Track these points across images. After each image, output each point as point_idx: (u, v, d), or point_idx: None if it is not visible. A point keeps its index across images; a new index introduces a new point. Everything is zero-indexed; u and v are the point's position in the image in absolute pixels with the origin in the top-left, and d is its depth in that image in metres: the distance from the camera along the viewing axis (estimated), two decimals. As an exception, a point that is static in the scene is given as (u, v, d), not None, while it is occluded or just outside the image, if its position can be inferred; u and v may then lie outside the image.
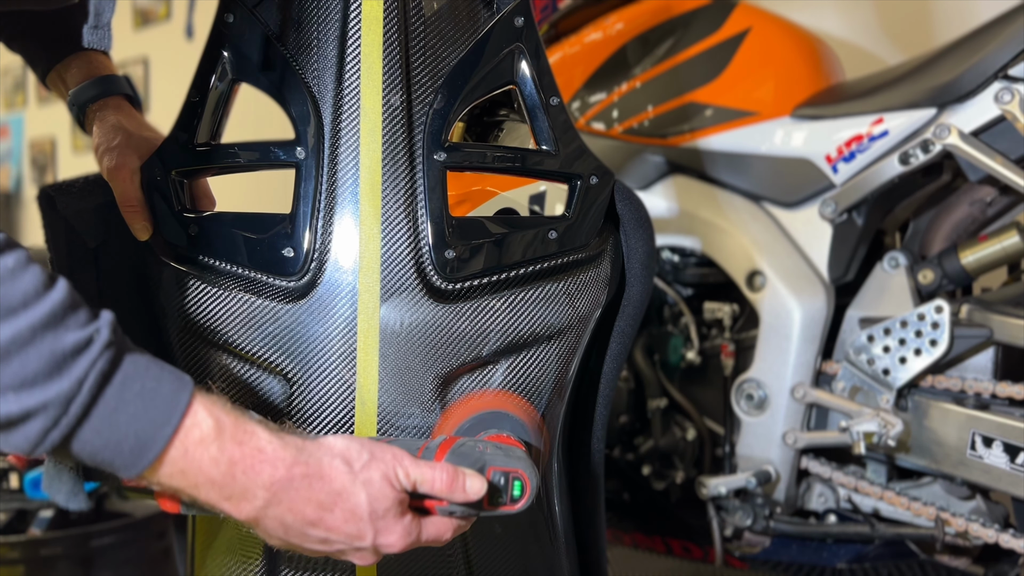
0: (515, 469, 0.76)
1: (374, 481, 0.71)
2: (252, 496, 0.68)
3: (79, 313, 0.63)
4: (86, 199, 0.96)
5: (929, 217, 1.50)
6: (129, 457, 0.64)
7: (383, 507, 0.71)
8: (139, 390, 0.64)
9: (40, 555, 1.57)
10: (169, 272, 0.89)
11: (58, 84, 1.01)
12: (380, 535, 0.72)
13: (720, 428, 1.62)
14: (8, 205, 5.44)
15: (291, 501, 0.69)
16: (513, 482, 0.76)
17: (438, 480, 0.73)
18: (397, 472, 0.72)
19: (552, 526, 1.01)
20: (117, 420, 0.63)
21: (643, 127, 1.65)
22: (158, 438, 0.64)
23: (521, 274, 0.91)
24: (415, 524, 0.74)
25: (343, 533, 0.71)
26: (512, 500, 0.76)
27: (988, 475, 1.31)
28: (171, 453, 0.65)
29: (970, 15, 1.84)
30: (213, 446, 0.66)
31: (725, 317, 1.60)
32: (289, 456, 0.69)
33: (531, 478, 0.76)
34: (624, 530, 1.77)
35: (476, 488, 0.74)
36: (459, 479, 0.74)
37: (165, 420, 0.64)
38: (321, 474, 0.70)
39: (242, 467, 0.67)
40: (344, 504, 0.70)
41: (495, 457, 0.77)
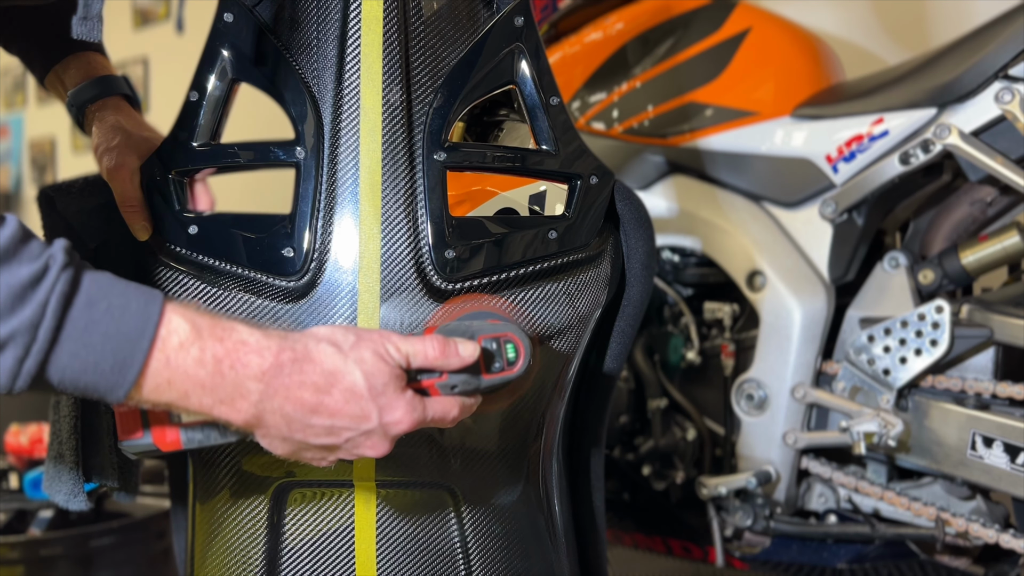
0: (505, 333, 0.77)
1: (366, 359, 0.70)
2: (245, 391, 0.67)
3: (31, 244, 0.63)
4: (86, 199, 0.96)
5: (929, 217, 1.50)
6: (111, 376, 0.63)
7: (381, 381, 0.70)
8: (106, 307, 0.63)
9: (40, 555, 1.57)
10: (169, 272, 0.89)
11: (56, 85, 1.00)
12: (385, 412, 0.71)
13: (720, 428, 1.62)
14: (8, 205, 5.44)
15: (286, 388, 0.68)
16: (506, 345, 0.76)
17: (430, 349, 0.73)
18: (387, 347, 0.71)
19: (552, 526, 1.01)
20: (90, 340, 0.63)
21: (643, 127, 1.65)
22: (136, 351, 0.63)
23: (521, 274, 0.91)
24: (418, 400, 0.73)
25: (347, 415, 0.70)
26: (509, 364, 0.77)
27: (988, 475, 1.31)
28: (153, 364, 0.64)
29: (970, 15, 1.84)
30: (194, 347, 0.65)
31: (725, 317, 1.59)
32: (274, 344, 0.68)
33: (523, 339, 0.77)
34: (624, 530, 1.77)
35: (469, 351, 0.74)
36: (450, 346, 0.73)
37: (140, 333, 0.64)
38: (310, 357, 0.69)
39: (228, 362, 0.66)
40: (341, 383, 0.69)
41: (483, 327, 0.77)
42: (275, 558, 0.92)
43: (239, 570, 0.93)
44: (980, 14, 1.49)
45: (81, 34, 0.88)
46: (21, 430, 1.88)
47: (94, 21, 0.90)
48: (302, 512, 0.92)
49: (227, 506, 0.93)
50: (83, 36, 0.88)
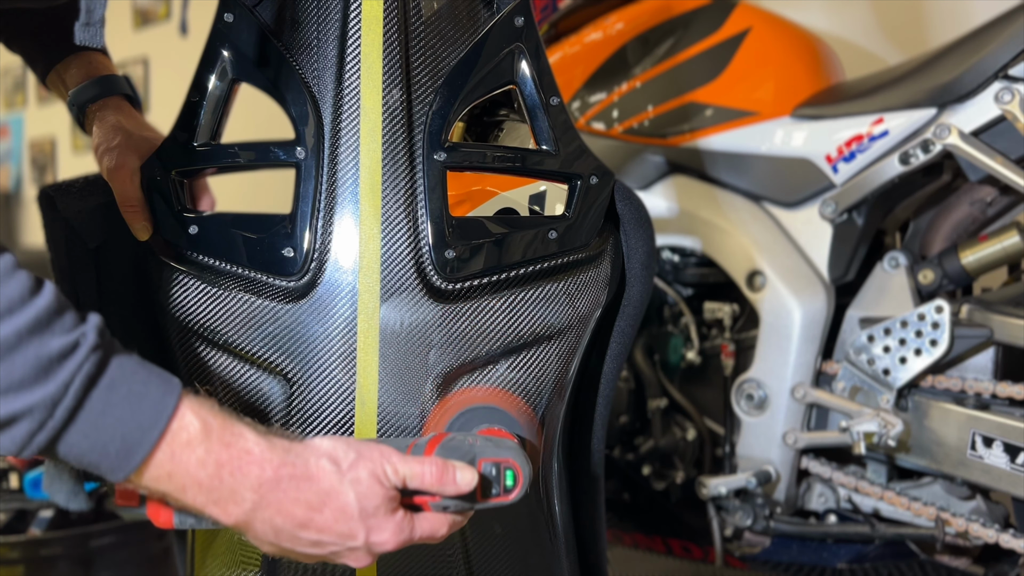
0: (506, 459, 0.76)
1: (362, 479, 0.71)
2: (240, 499, 0.68)
3: (65, 317, 0.63)
4: (86, 199, 0.96)
5: (929, 217, 1.50)
6: (116, 460, 0.64)
7: (373, 504, 0.71)
8: (126, 393, 0.64)
9: (40, 555, 1.57)
10: (169, 272, 0.89)
11: (58, 84, 1.01)
12: (372, 533, 0.71)
13: (720, 428, 1.62)
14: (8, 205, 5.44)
15: (279, 502, 0.69)
16: (505, 472, 0.75)
17: (427, 474, 0.73)
18: (385, 469, 0.72)
19: (552, 526, 1.01)
20: (104, 423, 0.63)
21: (643, 127, 1.65)
22: (145, 441, 0.64)
23: (521, 274, 0.91)
24: (407, 521, 0.73)
25: (334, 533, 0.70)
26: (505, 491, 0.76)
27: (988, 475, 1.31)
28: (158, 456, 0.65)
29: (969, 15, 1.84)
30: (200, 448, 0.66)
31: (725, 317, 1.60)
32: (276, 458, 0.69)
33: (523, 467, 0.76)
34: (624, 530, 1.77)
35: (467, 480, 0.74)
36: (449, 472, 0.73)
37: (152, 423, 0.64)
38: (308, 475, 0.69)
39: (229, 469, 0.67)
40: (333, 503, 0.70)
41: (485, 449, 0.76)
42: (275, 559, 0.92)
43: (239, 570, 0.93)
44: (980, 14, 1.49)
45: (84, 40, 0.89)
46: (21, 430, 1.88)
47: (96, 27, 0.91)
48: (302, 512, 0.92)
49: (227, 506, 0.93)
50: (86, 42, 0.89)
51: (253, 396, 0.88)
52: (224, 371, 0.88)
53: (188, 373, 0.90)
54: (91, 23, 0.89)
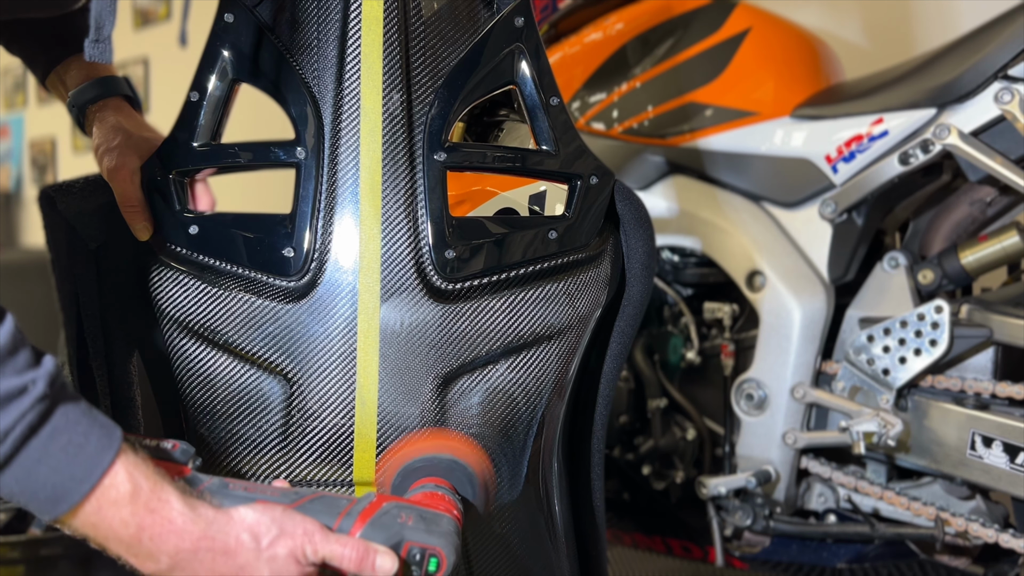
0: (432, 546, 0.76)
1: (279, 557, 0.72)
2: (157, 560, 0.69)
3: (18, 357, 0.64)
4: (86, 200, 0.96)
5: (929, 217, 1.50)
6: (44, 505, 0.66)
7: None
8: (65, 444, 0.65)
9: (40, 555, 1.56)
10: (169, 272, 0.89)
11: (58, 86, 1.01)
12: None
13: (720, 428, 1.62)
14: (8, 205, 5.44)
15: (195, 571, 0.70)
16: (429, 559, 0.76)
17: (347, 558, 0.74)
18: (305, 549, 0.73)
19: (552, 526, 1.01)
20: (37, 471, 0.65)
21: (643, 127, 1.65)
22: (74, 493, 0.66)
23: (521, 274, 0.91)
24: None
25: None
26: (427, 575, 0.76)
27: (988, 475, 1.31)
28: (85, 508, 0.66)
29: (970, 15, 1.84)
30: (126, 509, 0.67)
31: (725, 317, 1.60)
32: (198, 530, 0.70)
33: (448, 556, 0.76)
34: (624, 530, 1.77)
35: (386, 568, 0.74)
36: (369, 557, 0.74)
37: (84, 477, 0.66)
38: (227, 549, 0.71)
39: (150, 533, 0.68)
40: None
41: (415, 531, 0.77)
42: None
43: (239, 570, 0.93)
44: (980, 14, 1.49)
45: (94, 56, 0.89)
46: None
47: (106, 43, 0.91)
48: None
49: (227, 506, 0.93)
50: (95, 58, 0.89)
51: (253, 396, 0.89)
52: (224, 371, 0.88)
53: (188, 373, 0.90)
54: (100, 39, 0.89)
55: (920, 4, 2.17)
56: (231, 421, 0.90)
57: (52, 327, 0.97)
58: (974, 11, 1.80)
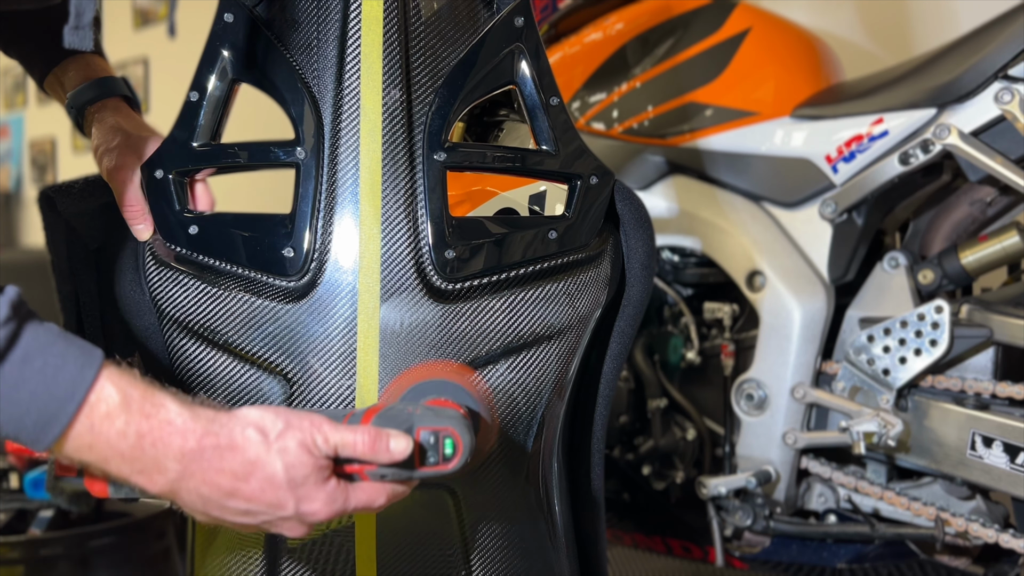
0: (446, 428, 0.74)
1: (290, 449, 0.69)
2: (163, 468, 0.67)
3: None
4: (86, 200, 0.96)
5: (929, 217, 1.50)
6: (33, 432, 0.64)
7: (301, 474, 0.69)
8: (41, 366, 0.64)
9: (40, 555, 1.56)
10: (169, 272, 0.89)
11: (56, 87, 1.00)
12: (302, 503, 0.70)
13: (720, 428, 1.62)
14: (8, 205, 5.44)
15: (204, 472, 0.68)
16: (444, 440, 0.73)
17: (360, 443, 0.71)
18: (315, 438, 0.70)
19: (552, 526, 1.01)
20: (17, 397, 0.63)
21: (643, 127, 1.65)
22: (61, 414, 0.64)
23: (521, 274, 0.91)
24: (340, 491, 0.72)
25: (262, 502, 0.69)
26: (444, 459, 0.73)
27: (988, 475, 1.31)
28: (76, 428, 0.65)
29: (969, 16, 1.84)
30: (120, 419, 0.65)
31: (725, 317, 1.60)
32: (199, 427, 0.68)
33: (463, 435, 0.74)
34: (624, 530, 1.77)
35: (401, 448, 0.72)
36: (382, 440, 0.72)
37: (69, 396, 0.64)
38: (233, 445, 0.68)
39: (150, 439, 0.66)
40: (259, 473, 0.69)
41: (425, 417, 0.74)
42: (275, 558, 0.92)
43: (239, 570, 0.93)
44: (979, 14, 1.49)
45: (73, 43, 0.89)
46: (21, 430, 1.88)
47: (85, 30, 0.90)
48: (302, 512, 0.92)
49: (227, 506, 0.93)
50: (75, 45, 0.89)
51: (253, 396, 0.88)
52: (224, 371, 0.88)
53: (188, 373, 0.90)
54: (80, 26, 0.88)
55: (920, 4, 2.17)
56: (231, 421, 0.89)
57: (52, 327, 0.97)
58: (973, 11, 1.80)
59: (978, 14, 1.51)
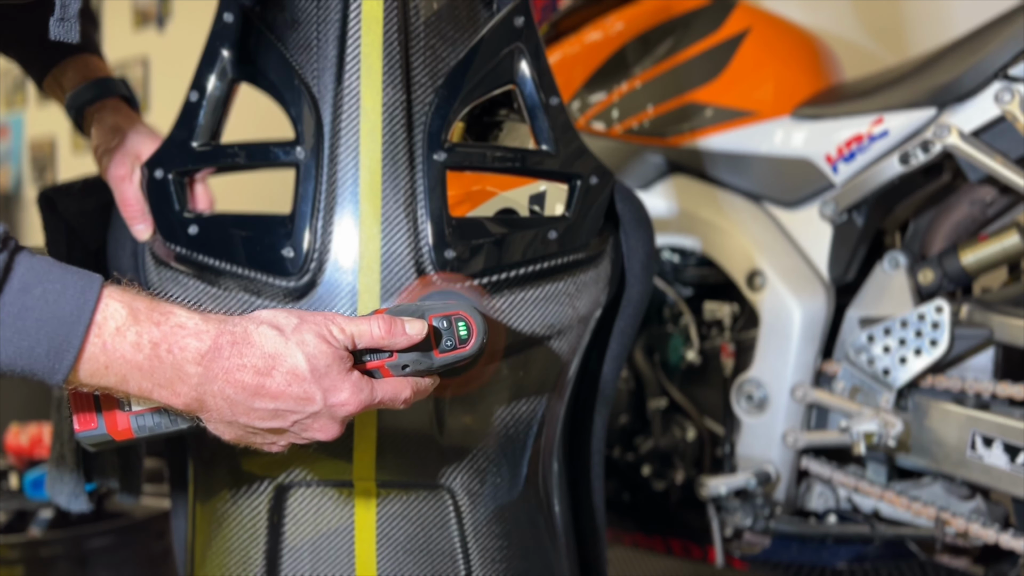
0: (456, 311, 0.74)
1: (308, 341, 0.69)
2: (184, 375, 0.66)
3: None
4: (86, 201, 0.96)
5: (929, 217, 1.50)
6: (47, 360, 0.63)
7: (324, 363, 0.69)
8: (41, 292, 0.63)
9: (40, 555, 1.57)
10: (169, 273, 0.89)
11: (55, 88, 1.00)
12: (329, 393, 0.70)
13: (720, 428, 1.62)
14: (8, 205, 5.43)
15: (226, 371, 0.67)
16: (457, 324, 0.74)
17: (375, 329, 0.71)
18: (331, 329, 0.70)
19: (552, 526, 1.01)
20: (24, 326, 0.62)
21: (643, 127, 1.65)
22: (72, 337, 0.63)
23: (521, 274, 0.91)
24: (366, 381, 0.72)
25: (290, 398, 0.69)
26: (461, 342, 0.74)
27: (988, 475, 1.31)
28: (89, 349, 0.64)
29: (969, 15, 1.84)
30: (131, 332, 0.65)
31: (725, 317, 1.60)
32: (213, 328, 0.67)
33: (474, 316, 0.74)
34: (624, 530, 1.77)
35: (416, 329, 0.72)
36: (397, 324, 0.72)
37: (75, 318, 0.63)
38: (249, 340, 0.68)
39: (166, 346, 0.66)
40: (282, 365, 0.68)
41: (434, 306, 0.75)
42: (275, 558, 0.92)
43: (239, 570, 0.93)
44: (978, 14, 1.49)
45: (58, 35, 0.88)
46: (21, 430, 1.89)
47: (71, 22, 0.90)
48: (302, 512, 0.92)
49: (227, 506, 0.93)
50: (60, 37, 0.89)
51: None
52: (224, 371, 0.88)
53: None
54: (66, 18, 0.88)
55: (920, 4, 2.17)
56: (231, 421, 0.89)
57: (52, 327, 0.96)
58: (973, 11, 1.80)
59: (977, 14, 1.51)
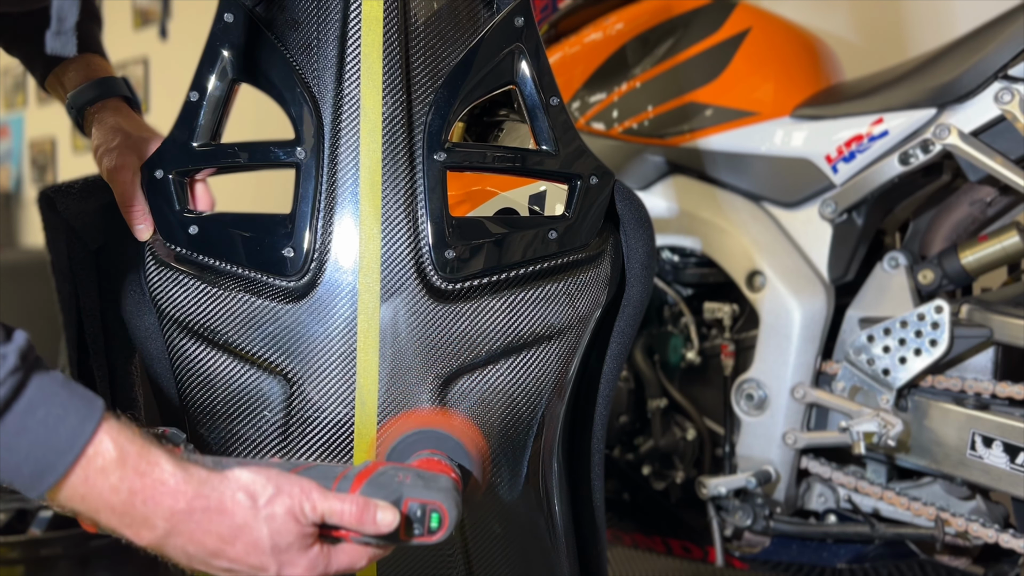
0: (433, 501, 0.74)
1: (277, 516, 0.70)
2: (152, 525, 0.68)
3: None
4: (86, 200, 0.96)
5: (929, 217, 1.50)
6: (29, 480, 0.65)
7: (286, 541, 0.71)
8: (43, 416, 0.64)
9: (40, 555, 1.57)
10: (169, 272, 0.89)
11: (56, 87, 1.01)
12: (284, 568, 0.71)
13: (720, 428, 1.62)
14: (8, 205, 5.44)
15: (191, 532, 0.69)
16: (431, 514, 0.74)
17: (347, 513, 0.72)
18: (303, 506, 0.71)
19: (552, 526, 1.01)
20: (17, 445, 0.64)
21: (643, 127, 1.65)
22: (58, 465, 0.65)
23: (521, 274, 0.91)
24: (322, 556, 0.73)
25: (246, 564, 0.70)
26: (429, 532, 0.74)
27: (988, 475, 1.31)
28: (72, 479, 0.65)
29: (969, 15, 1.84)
30: (114, 475, 0.66)
31: (725, 317, 1.60)
32: (191, 489, 0.69)
33: (450, 510, 0.74)
34: (624, 530, 1.77)
35: (388, 520, 0.73)
36: (369, 511, 0.72)
37: (67, 447, 0.65)
38: (223, 508, 0.69)
39: (142, 497, 0.67)
40: (245, 537, 0.70)
41: (414, 488, 0.75)
42: (275, 558, 0.92)
43: (239, 570, 0.93)
44: (978, 14, 1.49)
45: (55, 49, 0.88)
46: (21, 430, 1.88)
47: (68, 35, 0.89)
48: (302, 512, 0.92)
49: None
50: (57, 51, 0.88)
51: (253, 396, 0.88)
52: (224, 371, 0.88)
53: (188, 373, 0.90)
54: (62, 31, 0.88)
55: (920, 4, 2.17)
56: (231, 421, 0.90)
57: (52, 328, 0.97)
58: (973, 11, 1.80)
59: (977, 14, 1.51)
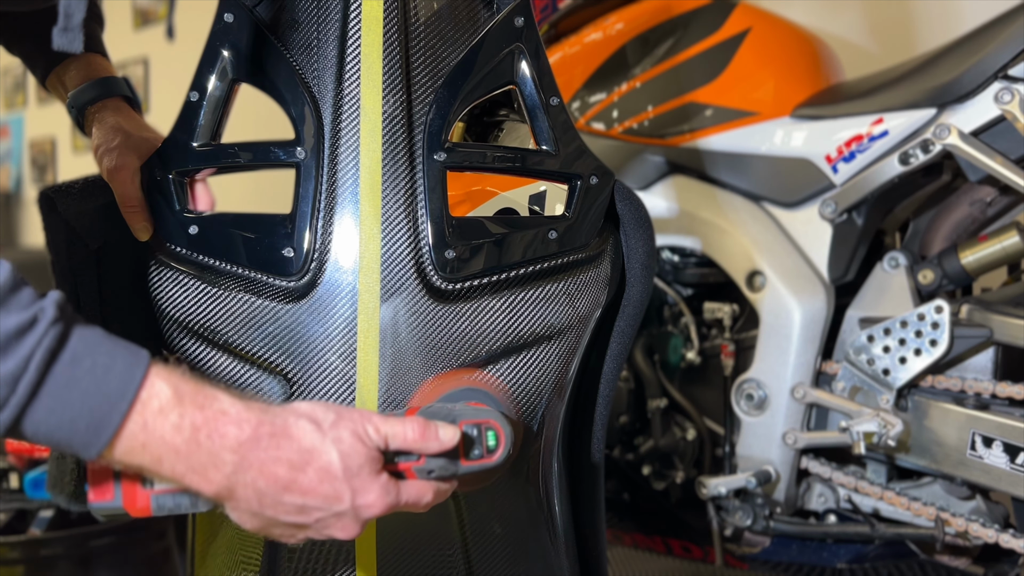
0: (487, 420, 0.75)
1: (344, 438, 0.69)
2: (220, 462, 0.66)
3: (22, 294, 0.62)
4: (86, 200, 0.96)
5: (929, 217, 1.50)
6: (86, 434, 0.63)
7: (356, 463, 0.69)
8: (90, 366, 0.63)
9: (40, 555, 1.57)
10: (169, 272, 0.89)
11: (57, 86, 1.01)
12: (358, 495, 0.70)
13: (720, 428, 1.62)
14: (8, 205, 5.44)
15: (261, 463, 0.67)
16: (487, 433, 0.75)
17: (410, 432, 0.72)
18: (367, 428, 0.71)
19: (552, 526, 1.01)
20: (69, 397, 0.62)
21: (643, 127, 1.65)
22: (114, 412, 0.63)
23: (521, 274, 0.91)
24: (392, 484, 0.72)
25: (319, 495, 0.69)
26: (488, 451, 0.75)
27: (988, 475, 1.31)
28: (129, 427, 0.64)
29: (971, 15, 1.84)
30: (174, 413, 0.65)
31: (725, 317, 1.60)
32: (254, 417, 0.67)
33: (504, 427, 0.75)
34: (624, 530, 1.77)
35: (449, 436, 0.73)
36: (431, 429, 0.72)
37: (121, 394, 0.63)
38: (288, 433, 0.68)
39: (206, 431, 0.65)
40: (316, 462, 0.68)
41: (465, 412, 0.76)
42: (275, 558, 0.92)
43: (239, 570, 0.93)
44: (980, 14, 1.49)
45: (61, 45, 0.88)
46: (21, 430, 1.88)
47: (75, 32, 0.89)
48: (302, 512, 0.92)
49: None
50: (64, 47, 0.88)
51: (253, 396, 0.88)
52: (224, 371, 0.88)
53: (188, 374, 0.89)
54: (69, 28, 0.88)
55: (920, 4, 2.17)
56: (231, 421, 0.89)
57: (52, 327, 0.96)
58: (975, 11, 1.80)
59: (979, 14, 1.51)
